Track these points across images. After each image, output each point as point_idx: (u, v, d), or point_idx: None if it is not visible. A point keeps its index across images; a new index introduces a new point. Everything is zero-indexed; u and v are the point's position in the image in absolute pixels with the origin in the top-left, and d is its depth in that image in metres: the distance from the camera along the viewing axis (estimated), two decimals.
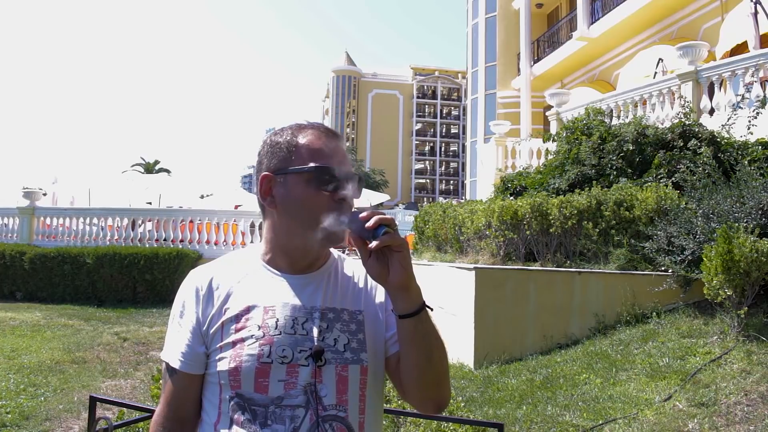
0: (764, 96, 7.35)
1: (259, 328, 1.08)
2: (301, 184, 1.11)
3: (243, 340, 1.08)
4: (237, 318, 1.10)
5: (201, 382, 1.13)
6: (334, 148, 1.15)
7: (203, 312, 1.12)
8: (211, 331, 1.11)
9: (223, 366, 1.07)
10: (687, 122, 7.32)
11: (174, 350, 1.13)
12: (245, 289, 1.13)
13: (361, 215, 1.04)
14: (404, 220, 30.68)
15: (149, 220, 11.94)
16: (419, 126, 76.69)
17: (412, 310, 1.06)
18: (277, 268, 1.16)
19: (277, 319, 1.10)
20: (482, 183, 15.06)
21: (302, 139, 1.14)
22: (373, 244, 1.01)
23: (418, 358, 1.09)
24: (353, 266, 1.23)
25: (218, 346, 1.09)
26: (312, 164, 1.11)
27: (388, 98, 74.65)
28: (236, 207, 14.40)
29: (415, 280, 1.06)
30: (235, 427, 1.06)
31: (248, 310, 1.11)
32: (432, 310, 1.09)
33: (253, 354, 1.06)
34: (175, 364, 1.12)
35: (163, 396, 1.15)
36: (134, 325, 8.12)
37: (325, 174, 1.10)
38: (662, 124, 8.38)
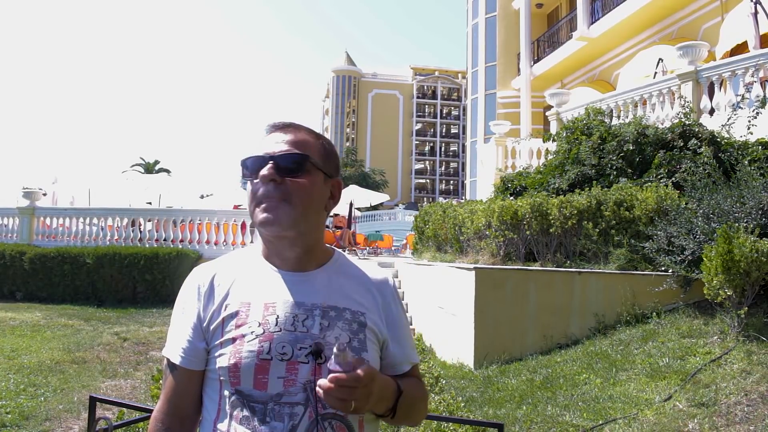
0: (764, 96, 7.35)
1: (259, 324, 1.08)
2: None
3: (243, 336, 1.07)
4: (237, 314, 1.10)
5: (201, 379, 1.13)
6: (267, 139, 1.16)
7: (204, 308, 1.13)
8: (212, 327, 1.11)
9: (222, 362, 1.07)
10: (687, 122, 7.32)
11: (175, 346, 1.13)
12: (246, 286, 1.14)
13: (330, 376, 0.99)
14: (404, 220, 30.76)
15: (149, 220, 11.94)
16: (419, 126, 76.65)
17: (386, 410, 1.11)
18: (276, 265, 1.17)
19: (278, 315, 1.09)
20: (482, 183, 15.05)
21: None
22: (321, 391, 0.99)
23: (400, 422, 1.17)
24: (359, 266, 1.23)
25: (218, 342, 1.09)
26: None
27: (388, 98, 74.61)
28: (236, 207, 14.41)
29: (375, 394, 1.03)
30: (233, 423, 1.06)
31: (249, 306, 1.11)
32: (420, 363, 1.11)
33: (253, 350, 1.06)
34: (176, 359, 1.12)
35: (163, 392, 1.15)
36: (134, 325, 8.12)
37: (242, 167, 1.15)
38: (662, 124, 8.37)
